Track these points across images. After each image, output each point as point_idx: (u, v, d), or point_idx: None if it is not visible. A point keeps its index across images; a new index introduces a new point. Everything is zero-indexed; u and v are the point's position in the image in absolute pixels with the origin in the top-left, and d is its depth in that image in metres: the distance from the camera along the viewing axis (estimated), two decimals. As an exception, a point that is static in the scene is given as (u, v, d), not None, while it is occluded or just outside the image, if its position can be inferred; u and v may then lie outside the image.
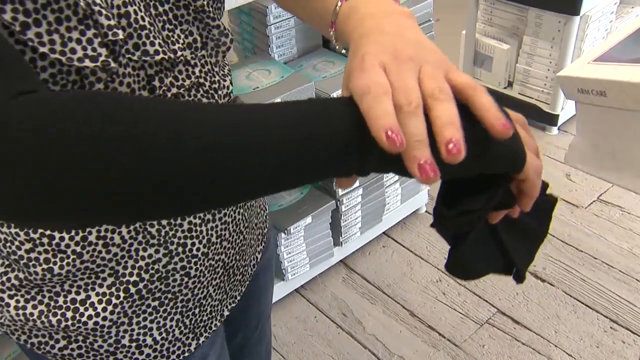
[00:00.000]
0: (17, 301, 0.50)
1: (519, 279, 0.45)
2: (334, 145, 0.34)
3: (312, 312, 1.55)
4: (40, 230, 0.47)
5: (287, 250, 1.44)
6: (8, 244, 0.48)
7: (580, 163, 0.59)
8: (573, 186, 1.85)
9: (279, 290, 1.50)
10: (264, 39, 1.43)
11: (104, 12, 0.40)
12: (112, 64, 0.41)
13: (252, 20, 1.44)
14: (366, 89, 0.35)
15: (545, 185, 0.42)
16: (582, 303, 1.51)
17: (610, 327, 1.45)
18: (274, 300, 1.51)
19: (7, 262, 0.50)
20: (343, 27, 0.44)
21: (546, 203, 0.42)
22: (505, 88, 2.09)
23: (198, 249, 0.54)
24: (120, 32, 0.41)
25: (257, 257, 0.68)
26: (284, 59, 1.44)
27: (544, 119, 2.02)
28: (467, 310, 1.52)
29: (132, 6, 0.42)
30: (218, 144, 0.33)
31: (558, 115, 1.98)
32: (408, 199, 1.71)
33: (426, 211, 1.80)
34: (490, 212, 0.41)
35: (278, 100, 1.22)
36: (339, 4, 0.45)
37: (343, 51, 0.47)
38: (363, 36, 0.40)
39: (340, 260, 1.64)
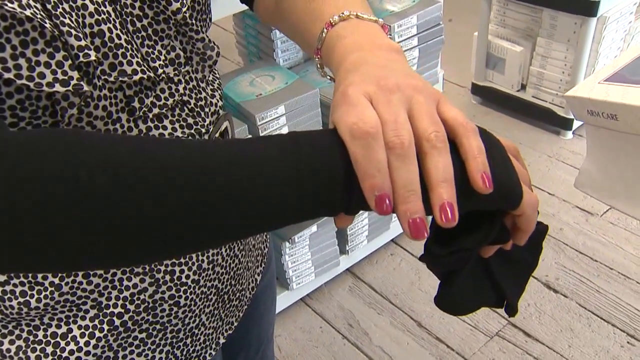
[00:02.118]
0: (-7, 336, 0.47)
1: (511, 311, 0.44)
2: (330, 185, 0.32)
3: (317, 322, 1.51)
4: (16, 261, 0.44)
5: (291, 260, 1.41)
6: (-18, 276, 0.45)
7: (590, 189, 0.55)
8: (588, 193, 1.80)
9: (284, 299, 1.47)
10: (269, 44, 1.39)
11: (73, 32, 0.36)
12: (85, 87, 0.37)
13: (257, 24, 1.41)
14: (355, 128, 0.32)
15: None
16: (597, 316, 1.45)
17: (628, 342, 1.39)
18: (278, 310, 1.49)
19: (-19, 295, 0.47)
20: (329, 57, 0.42)
21: (537, 233, 0.40)
22: (518, 91, 2.04)
23: (187, 277, 0.50)
24: (92, 52, 0.37)
25: (256, 280, 0.64)
26: (290, 64, 1.40)
27: (558, 123, 1.97)
28: (477, 321, 1.48)
29: (105, 24, 0.39)
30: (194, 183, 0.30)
31: (573, 120, 1.92)
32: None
33: (435, 218, 1.76)
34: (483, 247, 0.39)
35: (282, 107, 1.19)
36: (325, 31, 0.42)
37: (328, 79, 0.44)
38: (348, 71, 0.37)
39: (347, 269, 1.61)
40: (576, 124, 1.96)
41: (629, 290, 1.50)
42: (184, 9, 0.43)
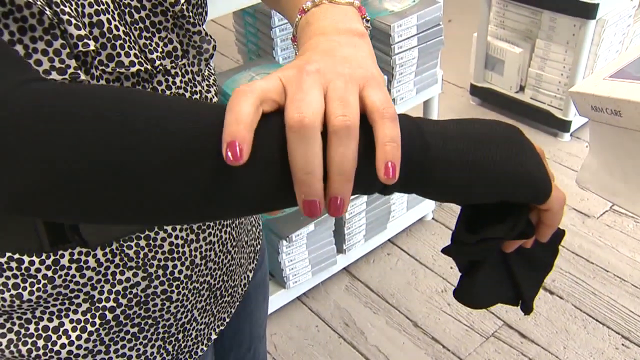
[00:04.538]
0: (-15, 328, 0.47)
1: (527, 309, 0.44)
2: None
3: (313, 321, 1.51)
4: (8, 254, 0.44)
5: (288, 258, 1.41)
6: (-26, 268, 0.45)
7: (592, 185, 0.55)
8: (585, 195, 1.80)
9: (280, 297, 1.47)
10: (268, 42, 1.39)
11: (73, 21, 0.37)
12: (83, 77, 0.37)
13: (257, 22, 1.41)
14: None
15: None
16: (593, 318, 1.46)
17: (622, 344, 1.40)
18: (274, 309, 1.49)
19: (-27, 287, 0.47)
20: (299, 43, 0.41)
21: (556, 235, 0.41)
22: (516, 92, 2.04)
23: (180, 272, 0.51)
24: (91, 42, 0.37)
25: (248, 277, 0.64)
26: (289, 62, 1.40)
27: (556, 125, 1.97)
28: (472, 322, 1.48)
29: (105, 15, 0.39)
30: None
31: (571, 122, 1.92)
32: (414, 206, 1.67)
33: (433, 218, 1.76)
34: (507, 241, 0.40)
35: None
36: (298, 17, 0.42)
37: None
38: (296, 57, 0.37)
39: (344, 268, 1.61)
40: (574, 126, 1.96)
41: (625, 293, 1.51)
42: (182, 1, 0.43)
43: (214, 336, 0.59)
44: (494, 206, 0.36)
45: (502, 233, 0.37)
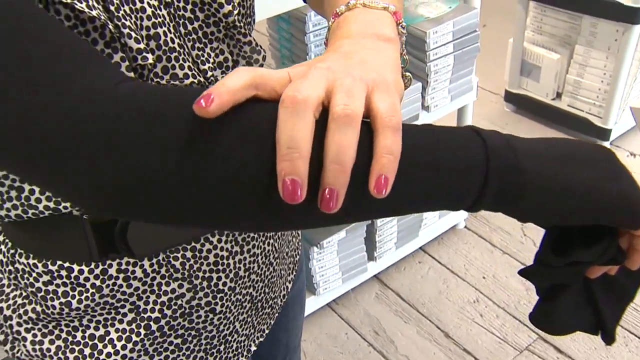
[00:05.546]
0: (34, 335, 0.48)
1: (609, 339, 0.42)
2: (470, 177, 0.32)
3: (343, 328, 1.50)
4: (59, 262, 0.45)
5: (319, 265, 1.40)
6: (26, 275, 0.46)
7: None
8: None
9: (310, 304, 1.46)
10: (302, 47, 1.39)
11: (133, 34, 0.37)
12: None
13: (291, 27, 1.41)
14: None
15: None
16: (635, 335, 1.41)
17: (664, 363, 1.35)
18: (304, 315, 1.49)
19: (24, 294, 0.47)
20: (327, 46, 0.40)
21: None
22: (553, 99, 1.99)
23: (224, 284, 0.50)
24: (149, 55, 0.38)
25: (287, 287, 0.64)
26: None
27: (594, 133, 1.91)
28: (506, 334, 1.44)
29: (161, 27, 0.39)
30: None
31: (610, 130, 1.87)
32: (446, 214, 1.65)
33: (465, 227, 1.73)
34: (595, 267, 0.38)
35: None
36: (332, 21, 0.41)
37: None
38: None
39: (374, 275, 1.59)
40: (614, 134, 1.90)
41: (667, 309, 1.45)
42: (235, 12, 0.43)
43: (253, 348, 0.59)
44: (580, 228, 0.35)
45: (593, 257, 0.36)
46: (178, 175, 0.30)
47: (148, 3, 0.39)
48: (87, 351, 0.48)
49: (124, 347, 0.48)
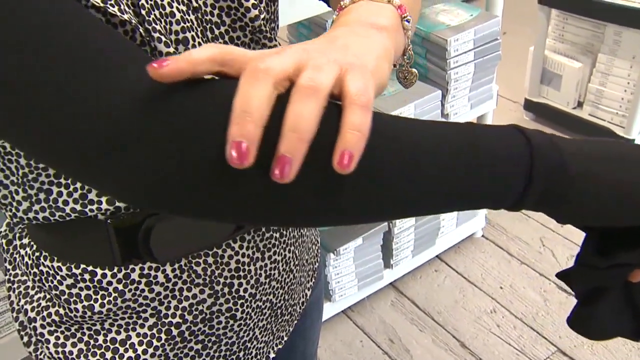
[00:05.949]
0: (57, 338, 0.48)
1: None
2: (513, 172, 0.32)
3: (358, 336, 1.49)
4: (82, 266, 0.45)
5: (335, 271, 1.40)
6: (50, 278, 0.46)
7: None
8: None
9: (325, 310, 1.46)
10: (322, 53, 1.39)
11: (163, 38, 0.37)
12: None
13: (311, 33, 1.41)
14: None
15: None
16: (655, 349, 1.38)
17: (687, 379, 1.31)
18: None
19: (48, 297, 0.48)
20: None
21: None
22: (574, 108, 1.97)
23: (245, 290, 0.50)
24: None
25: (306, 295, 0.64)
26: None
27: (616, 143, 1.89)
28: (523, 346, 1.42)
29: (190, 32, 0.40)
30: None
31: (634, 140, 1.84)
32: (464, 222, 1.63)
33: (482, 236, 1.72)
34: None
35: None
36: (336, 14, 0.41)
37: None
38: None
39: (390, 283, 1.58)
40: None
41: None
42: (261, 17, 0.43)
43: (272, 355, 0.59)
44: (622, 230, 0.34)
45: (638, 259, 0.35)
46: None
47: (177, 8, 0.39)
48: (108, 355, 0.48)
49: (144, 352, 0.48)
